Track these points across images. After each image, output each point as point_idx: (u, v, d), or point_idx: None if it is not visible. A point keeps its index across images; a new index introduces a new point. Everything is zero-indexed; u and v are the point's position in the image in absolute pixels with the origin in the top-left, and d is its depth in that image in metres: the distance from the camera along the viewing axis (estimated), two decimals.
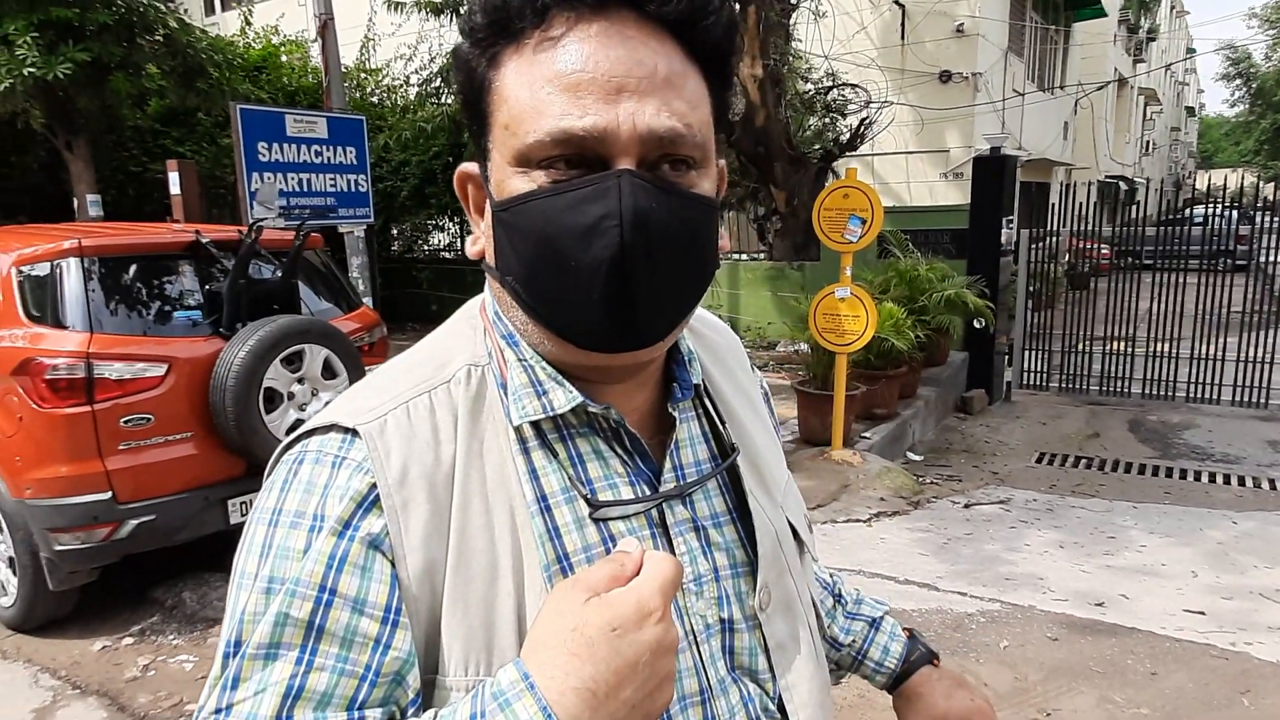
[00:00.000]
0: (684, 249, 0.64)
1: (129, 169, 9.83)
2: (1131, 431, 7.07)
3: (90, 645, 3.53)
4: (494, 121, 0.64)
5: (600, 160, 0.61)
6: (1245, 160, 46.67)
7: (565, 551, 0.64)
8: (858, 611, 1.02)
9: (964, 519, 4.97)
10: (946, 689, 0.95)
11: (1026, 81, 15.06)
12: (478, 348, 0.71)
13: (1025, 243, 8.18)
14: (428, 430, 0.65)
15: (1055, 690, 3.06)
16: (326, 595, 0.58)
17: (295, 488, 0.63)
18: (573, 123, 0.59)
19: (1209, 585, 4.00)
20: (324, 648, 0.58)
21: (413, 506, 0.62)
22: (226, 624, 0.60)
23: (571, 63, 0.60)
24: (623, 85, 0.60)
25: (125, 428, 3.49)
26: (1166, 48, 32.84)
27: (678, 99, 0.62)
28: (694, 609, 0.70)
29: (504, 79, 0.63)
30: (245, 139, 6.28)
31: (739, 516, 0.76)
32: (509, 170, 0.63)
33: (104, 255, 3.67)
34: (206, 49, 8.54)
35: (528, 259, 0.63)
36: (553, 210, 0.61)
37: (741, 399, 0.84)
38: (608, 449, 0.69)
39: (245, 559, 0.62)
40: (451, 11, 10.43)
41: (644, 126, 0.60)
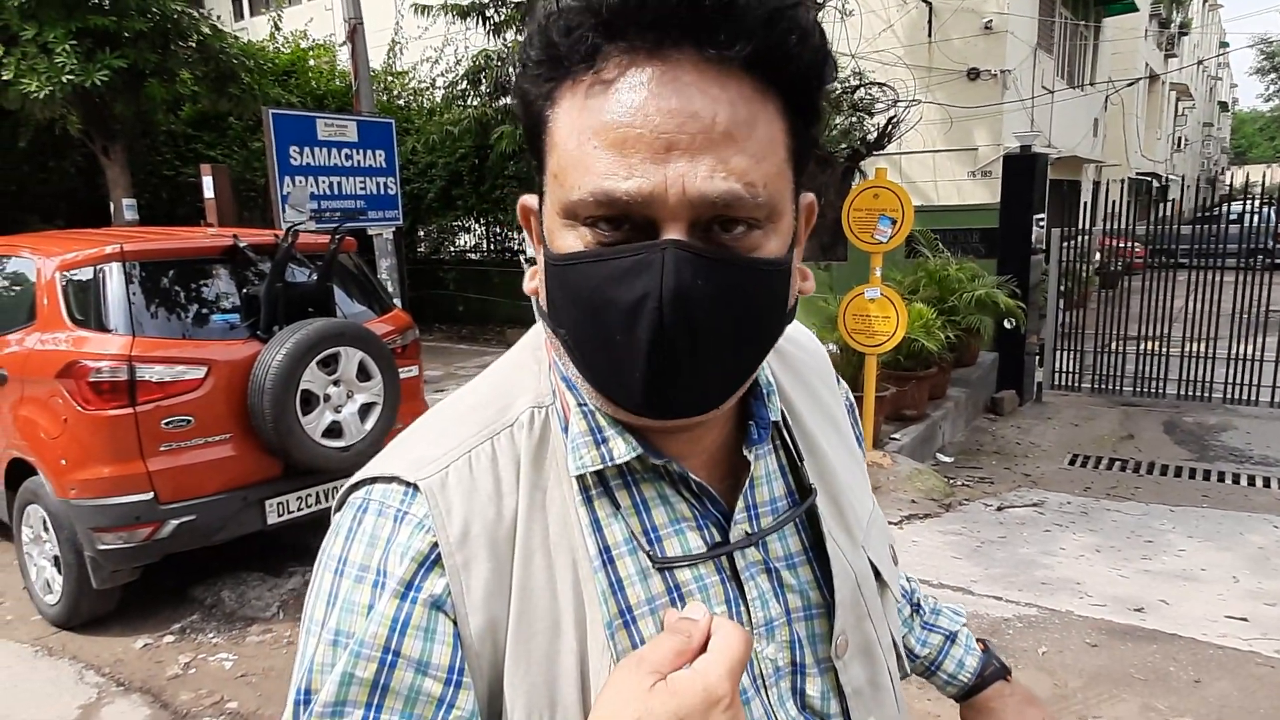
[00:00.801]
0: (737, 320, 0.59)
1: (162, 173, 10.00)
2: (1167, 433, 6.96)
3: (132, 643, 3.59)
4: (546, 165, 0.61)
5: (648, 222, 0.56)
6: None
7: (629, 605, 0.62)
8: (935, 623, 1.00)
9: (997, 522, 4.92)
10: (1018, 705, 0.95)
11: (1056, 78, 14.88)
12: (542, 384, 0.69)
13: (1056, 241, 8.08)
14: (490, 483, 0.63)
15: (1096, 697, 3.03)
16: (390, 657, 0.58)
17: (360, 538, 0.62)
18: (616, 184, 0.55)
19: (1251, 591, 3.93)
20: (389, 704, 0.58)
21: (474, 565, 0.61)
22: (298, 668, 0.61)
23: (620, 114, 0.55)
24: (673, 142, 0.54)
25: (166, 429, 3.55)
26: (1199, 42, 32.31)
27: (738, 154, 0.55)
28: (764, 653, 0.68)
29: (557, 121, 0.59)
30: (277, 143, 6.37)
31: (815, 555, 0.72)
32: (558, 220, 0.60)
33: (145, 260, 3.74)
34: (238, 54, 8.66)
35: (576, 320, 0.61)
36: (597, 278, 0.57)
37: (825, 423, 0.80)
38: (674, 493, 0.67)
39: (314, 605, 0.62)
40: (478, 15, 10.50)
41: (695, 191, 0.54)
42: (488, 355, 10.77)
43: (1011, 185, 7.74)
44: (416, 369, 4.62)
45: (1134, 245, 9.11)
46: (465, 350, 10.96)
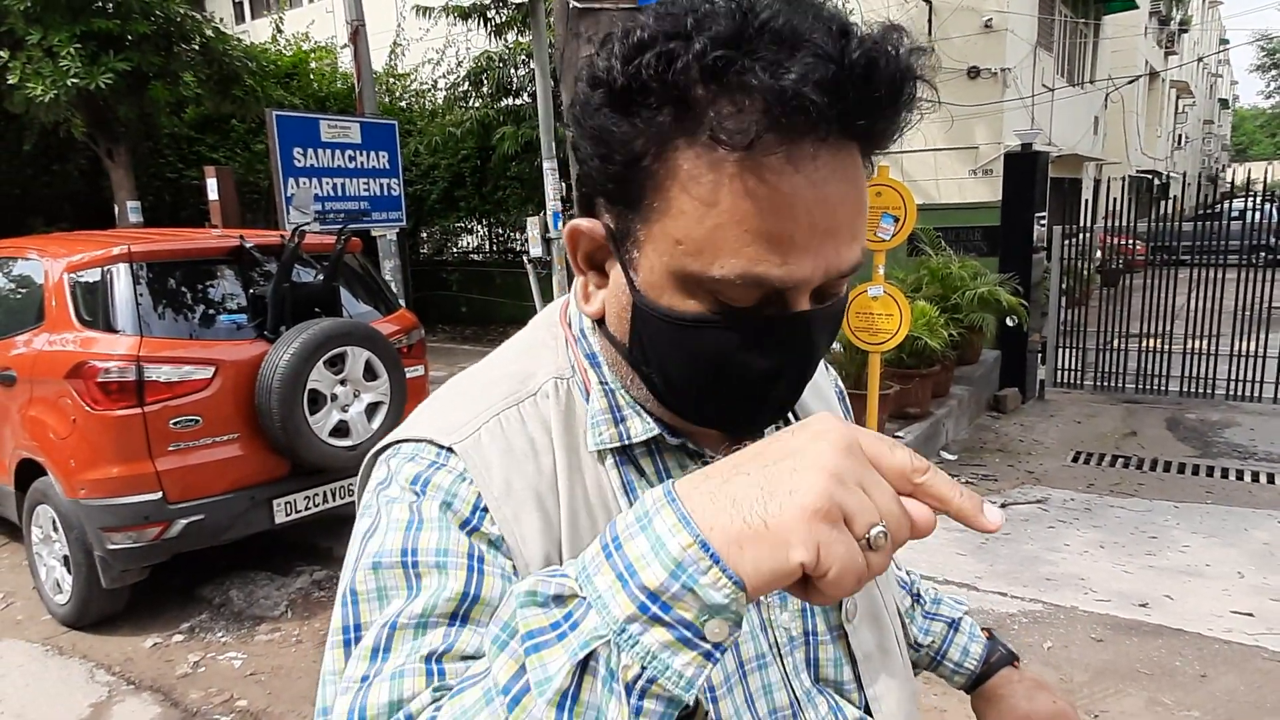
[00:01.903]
0: (829, 344, 0.65)
1: (165, 176, 10.03)
2: (1169, 430, 6.96)
3: (142, 642, 3.61)
4: (656, 221, 0.57)
5: (778, 295, 0.57)
6: None
7: None
8: (936, 612, 1.01)
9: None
10: (1028, 690, 0.94)
11: (1056, 76, 14.89)
12: (561, 359, 0.70)
13: (1058, 239, 8.09)
14: (523, 442, 0.64)
15: (1102, 692, 3.04)
16: (475, 563, 0.58)
17: (401, 482, 0.62)
18: (770, 270, 0.55)
19: (1256, 586, 3.93)
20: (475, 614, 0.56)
21: (524, 517, 0.61)
22: (336, 615, 0.58)
23: (780, 206, 0.53)
24: (830, 228, 0.55)
25: (174, 429, 3.57)
26: (1199, 39, 32.30)
27: (862, 224, 0.59)
28: (779, 621, 0.70)
29: (681, 187, 0.55)
30: (281, 145, 6.38)
31: None
32: (669, 279, 0.58)
33: (152, 261, 3.76)
34: (241, 57, 8.68)
35: (681, 367, 0.61)
36: (725, 344, 0.58)
37: (820, 405, 0.84)
38: (693, 465, 0.69)
39: (351, 550, 0.61)
40: (479, 16, 10.52)
41: (835, 270, 0.57)
42: None
43: (1013, 183, 7.75)
44: (422, 368, 4.64)
45: (1135, 243, 9.12)
46: (469, 351, 10.97)
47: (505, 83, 11.01)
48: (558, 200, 6.88)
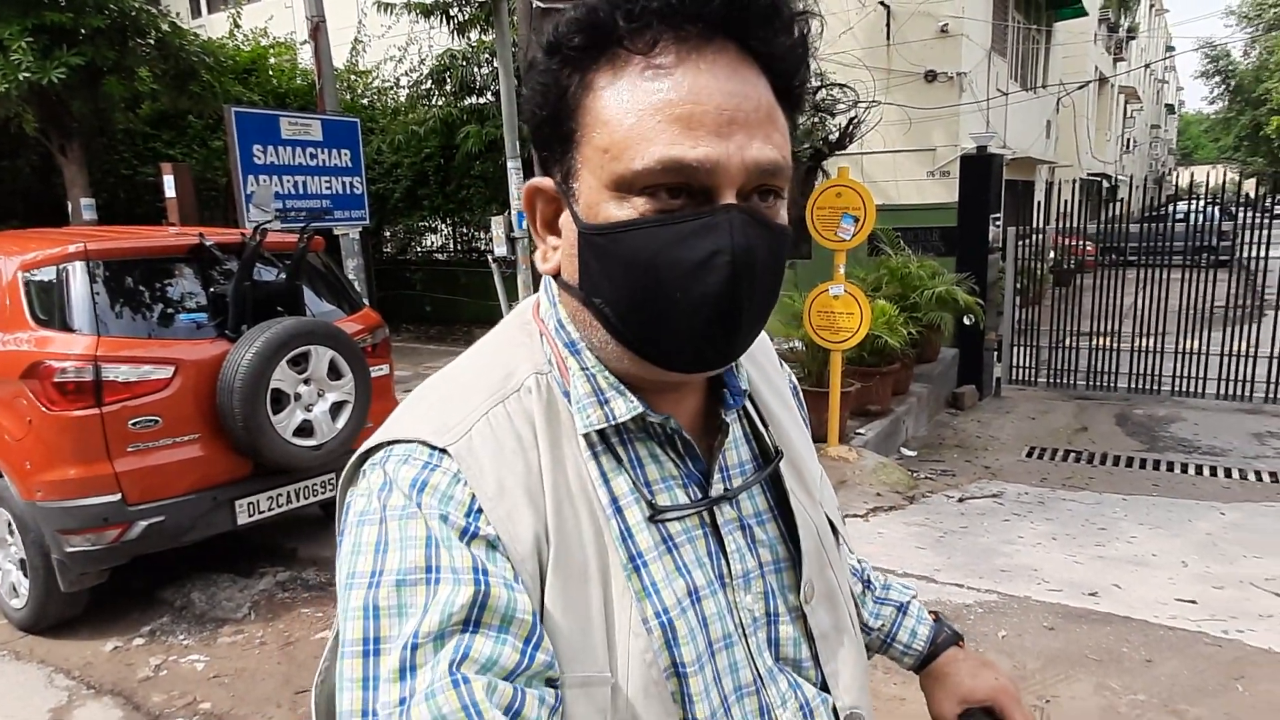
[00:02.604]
0: (773, 277, 0.67)
1: (120, 172, 9.80)
2: (1119, 425, 7.19)
3: (102, 646, 3.56)
4: (585, 142, 0.64)
5: (704, 191, 0.62)
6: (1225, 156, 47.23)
7: (639, 550, 0.67)
8: (886, 596, 1.05)
9: (958, 513, 5.06)
10: (972, 669, 0.98)
11: (1010, 81, 15.21)
12: (537, 355, 0.72)
13: (1012, 240, 8.30)
14: (512, 440, 0.66)
15: (1053, 678, 3.14)
16: (483, 576, 0.60)
17: (398, 486, 0.63)
18: (685, 152, 0.60)
19: (1199, 574, 4.09)
20: (486, 620, 0.59)
21: (517, 515, 0.63)
22: (349, 622, 0.60)
23: (685, 94, 0.60)
24: (734, 118, 0.61)
25: (134, 430, 3.53)
26: (1146, 46, 33.21)
27: (776, 131, 0.64)
28: (743, 604, 0.73)
29: (602, 102, 0.63)
30: (240, 142, 6.30)
31: (780, 513, 0.79)
32: (604, 194, 0.63)
33: (109, 259, 3.70)
34: (198, 52, 8.53)
35: (625, 285, 0.64)
36: (659, 242, 0.62)
37: (776, 398, 0.87)
38: (662, 453, 0.72)
39: (357, 559, 0.62)
40: (441, 14, 10.45)
41: (751, 159, 0.61)
42: (456, 355, 10.66)
43: (968, 185, 7.93)
44: (387, 367, 4.62)
45: (1085, 244, 9.38)
46: (433, 350, 10.90)
47: (468, 81, 10.95)
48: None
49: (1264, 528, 4.74)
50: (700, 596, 0.70)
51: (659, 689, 0.65)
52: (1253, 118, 36.47)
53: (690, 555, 0.70)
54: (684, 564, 0.70)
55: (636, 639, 0.65)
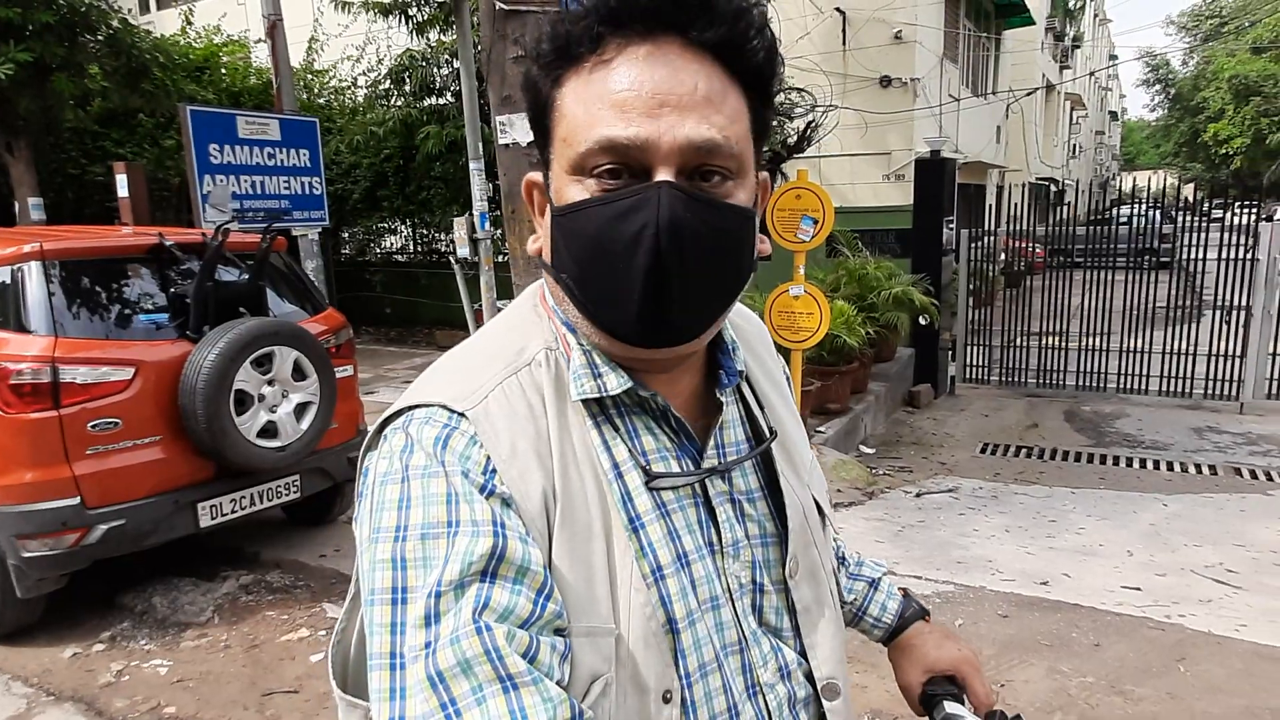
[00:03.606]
0: (717, 254, 0.70)
1: (68, 171, 9.55)
2: (1067, 421, 7.42)
3: (60, 653, 3.49)
4: (555, 135, 0.72)
5: (645, 171, 0.67)
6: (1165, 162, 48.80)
7: (637, 513, 0.73)
8: (859, 573, 1.11)
9: (916, 507, 5.19)
10: (937, 640, 1.05)
11: (962, 87, 15.59)
12: (547, 333, 0.78)
13: (965, 242, 8.52)
14: (524, 407, 0.72)
15: (1008, 663, 3.26)
16: (500, 529, 0.64)
17: (420, 446, 0.68)
18: (617, 132, 0.66)
19: (1144, 563, 4.26)
20: (503, 572, 0.63)
21: (529, 475, 0.69)
22: (373, 575, 0.64)
23: (620, 82, 0.67)
24: (664, 101, 0.66)
25: (93, 432, 3.47)
26: (1090, 55, 34.20)
27: (716, 114, 0.68)
28: (730, 570, 0.79)
29: (564, 98, 0.71)
30: (196, 141, 6.21)
31: (770, 493, 0.84)
32: (566, 179, 0.70)
33: (66, 259, 3.64)
34: (150, 49, 8.36)
35: (579, 260, 0.71)
36: (600, 217, 0.68)
37: (772, 384, 0.92)
38: (656, 427, 0.77)
39: (381, 514, 0.66)
40: (400, 13, 10.39)
41: (683, 137, 0.66)
42: (417, 357, 10.65)
43: (923, 188, 8.12)
44: (351, 368, 4.60)
45: (1035, 246, 9.66)
46: (394, 352, 10.82)
47: (428, 82, 10.89)
48: (485, 201, 6.87)
49: (1203, 518, 4.95)
50: (689, 560, 0.75)
51: (658, 640, 0.70)
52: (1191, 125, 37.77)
53: (680, 521, 0.76)
54: (675, 529, 0.75)
55: (637, 593, 0.70)
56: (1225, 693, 3.02)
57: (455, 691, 0.59)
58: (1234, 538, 4.59)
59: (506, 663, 0.60)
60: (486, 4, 3.71)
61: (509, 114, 3.60)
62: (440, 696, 0.59)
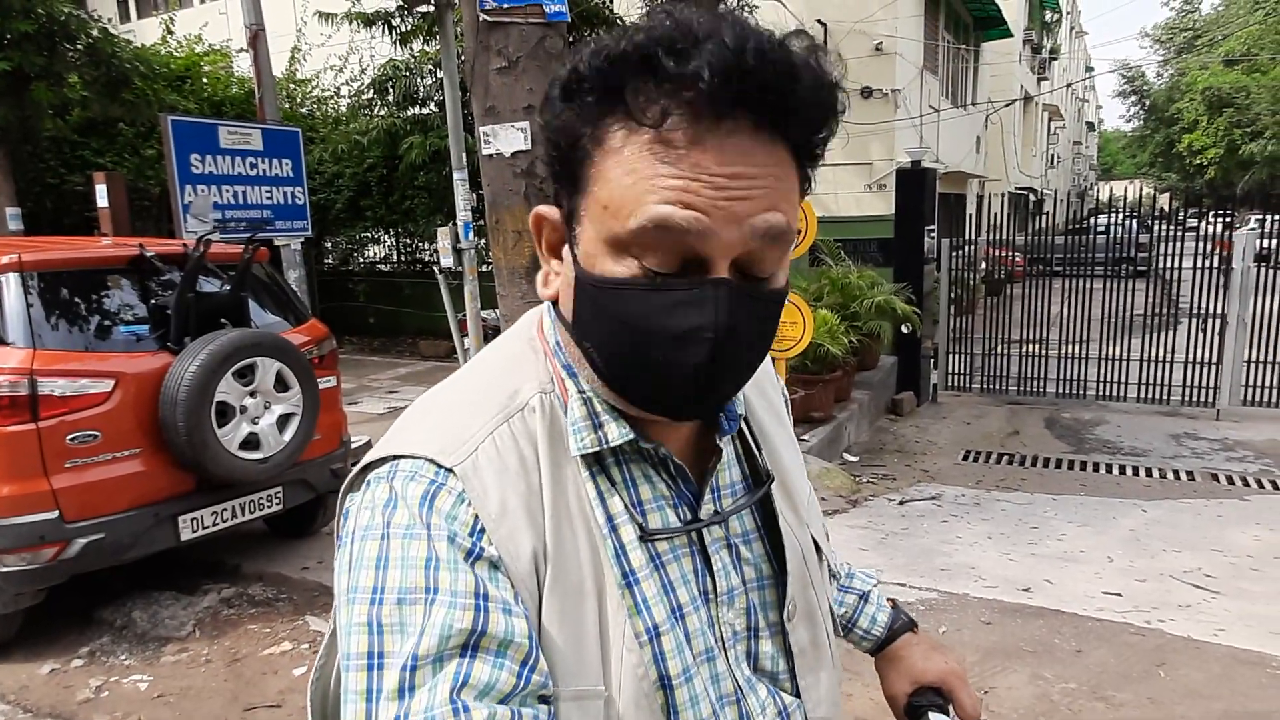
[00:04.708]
0: (760, 343, 0.69)
1: (46, 181, 9.46)
2: (1048, 428, 7.49)
3: (38, 669, 3.45)
4: (590, 192, 0.65)
5: (697, 260, 0.62)
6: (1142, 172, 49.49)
7: (632, 568, 0.70)
8: (850, 585, 1.11)
9: (899, 515, 5.22)
10: (924, 652, 1.05)
11: (941, 98, 15.76)
12: (542, 373, 0.74)
13: (946, 251, 8.60)
14: (515, 460, 0.68)
15: (991, 670, 3.29)
16: (482, 602, 0.61)
17: (404, 503, 0.65)
18: (675, 212, 0.60)
19: (1124, 569, 4.31)
20: (485, 645, 0.61)
21: (519, 536, 0.66)
22: (349, 636, 0.62)
23: (685, 169, 0.61)
24: (731, 194, 0.61)
25: (72, 445, 3.44)
26: (1067, 66, 34.70)
27: (782, 201, 0.64)
28: (725, 618, 0.77)
29: (607, 159, 0.63)
30: (177, 151, 6.16)
31: (766, 533, 0.82)
32: (602, 247, 0.65)
33: (45, 270, 3.61)
34: (130, 59, 8.31)
35: (611, 337, 0.66)
36: (647, 306, 0.63)
37: (772, 417, 0.90)
38: (655, 474, 0.75)
39: (359, 574, 0.63)
40: (383, 23, 10.38)
41: (748, 228, 0.62)
42: (401, 367, 10.61)
43: (904, 198, 8.19)
44: (334, 379, 4.58)
45: (1015, 254, 9.77)
46: (377, 362, 10.76)
47: (411, 91, 10.88)
48: (469, 211, 6.86)
49: (1182, 523, 5.01)
50: (684, 613, 0.73)
51: (649, 701, 0.68)
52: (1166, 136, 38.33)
53: (675, 573, 0.74)
54: (669, 582, 0.73)
55: (629, 653, 0.68)
56: (1204, 697, 3.05)
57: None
58: (1212, 543, 4.65)
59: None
60: (469, 15, 3.72)
61: (492, 124, 3.61)
62: None
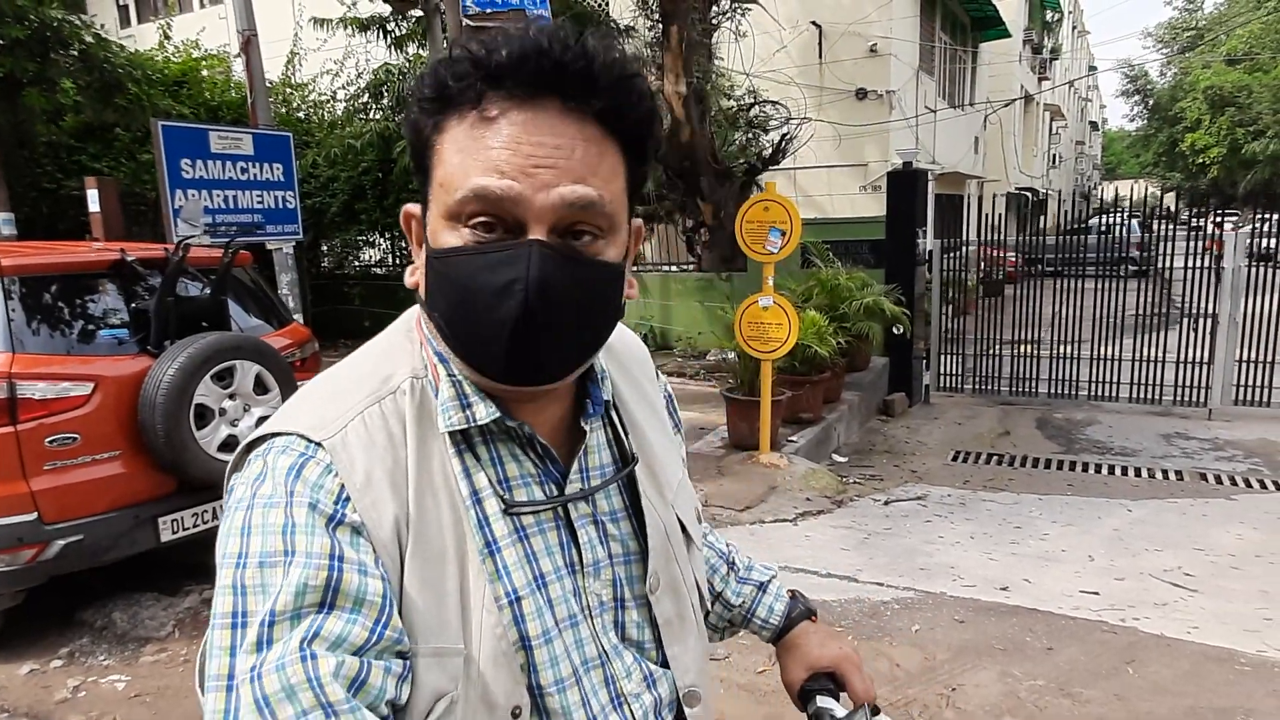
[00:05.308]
0: (583, 307, 0.74)
1: (43, 186, 9.51)
2: (1039, 429, 7.49)
3: (16, 669, 3.47)
4: (433, 177, 0.74)
5: (519, 225, 0.71)
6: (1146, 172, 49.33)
7: (494, 538, 0.76)
8: (748, 577, 1.15)
9: (884, 515, 5.23)
10: (820, 640, 1.09)
11: (938, 99, 15.75)
12: (416, 361, 0.80)
13: (938, 252, 8.60)
14: (384, 437, 0.74)
15: (960, 667, 3.29)
16: (337, 562, 0.67)
17: (272, 475, 0.70)
18: (491, 183, 0.69)
19: (1104, 568, 4.31)
20: (340, 603, 0.66)
21: (381, 505, 0.71)
22: (220, 598, 0.66)
23: (500, 139, 0.70)
24: (541, 161, 0.69)
25: (51, 448, 3.46)
26: (1070, 66, 34.62)
27: (592, 175, 0.71)
28: (591, 588, 0.82)
29: (444, 144, 0.73)
30: (168, 156, 6.21)
31: (634, 513, 0.88)
32: (442, 222, 0.73)
33: (25, 274, 3.64)
34: (124, 64, 8.37)
35: (450, 302, 0.74)
36: (472, 267, 0.71)
37: (645, 407, 0.95)
38: (522, 454, 0.81)
39: (229, 541, 0.69)
40: (378, 28, 10.44)
41: (556, 196, 0.70)
42: None
43: (895, 199, 8.21)
44: None
45: (1012, 255, 9.75)
46: None
47: (406, 95, 10.92)
48: None
49: (1167, 522, 5.01)
50: (546, 581, 0.78)
51: (509, 660, 0.74)
52: (1169, 135, 38.22)
53: (540, 545, 0.79)
54: (533, 552, 0.78)
55: (489, 615, 0.73)
56: (1171, 693, 3.06)
57: (280, 716, 0.62)
58: (1195, 542, 4.65)
59: (326, 690, 0.63)
60: (454, 19, 3.76)
61: None
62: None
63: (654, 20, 9.47)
